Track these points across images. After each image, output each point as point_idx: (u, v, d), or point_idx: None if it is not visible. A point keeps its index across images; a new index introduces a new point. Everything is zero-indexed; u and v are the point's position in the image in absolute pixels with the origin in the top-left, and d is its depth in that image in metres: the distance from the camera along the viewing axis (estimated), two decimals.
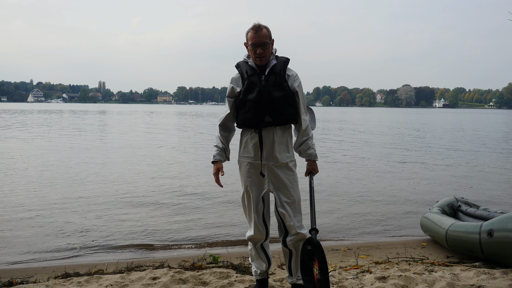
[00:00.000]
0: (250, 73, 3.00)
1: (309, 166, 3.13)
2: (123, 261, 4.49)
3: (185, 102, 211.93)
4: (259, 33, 2.93)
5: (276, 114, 2.95)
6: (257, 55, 2.95)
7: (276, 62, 3.02)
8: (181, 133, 24.39)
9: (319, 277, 2.75)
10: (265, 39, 2.94)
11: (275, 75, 2.98)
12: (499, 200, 7.83)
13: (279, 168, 3.01)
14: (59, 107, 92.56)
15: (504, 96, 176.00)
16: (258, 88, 2.94)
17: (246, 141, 3.04)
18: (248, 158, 3.04)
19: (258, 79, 2.98)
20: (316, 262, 2.77)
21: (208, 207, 7.04)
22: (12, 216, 6.32)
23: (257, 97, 2.93)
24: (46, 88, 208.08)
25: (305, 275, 2.84)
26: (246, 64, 3.05)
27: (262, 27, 2.95)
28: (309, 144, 3.07)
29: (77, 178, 9.35)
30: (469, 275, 3.64)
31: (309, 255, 2.82)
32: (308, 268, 2.82)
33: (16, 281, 3.73)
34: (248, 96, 2.96)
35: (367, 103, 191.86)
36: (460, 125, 38.43)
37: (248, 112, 2.97)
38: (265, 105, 2.93)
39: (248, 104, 2.96)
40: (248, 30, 2.98)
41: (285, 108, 2.97)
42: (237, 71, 3.08)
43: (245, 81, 2.99)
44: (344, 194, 8.16)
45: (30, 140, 17.89)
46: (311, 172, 3.13)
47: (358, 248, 5.04)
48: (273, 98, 2.93)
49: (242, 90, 3.00)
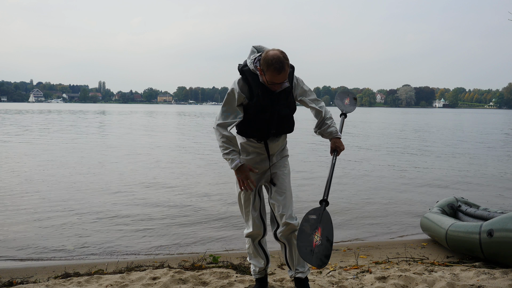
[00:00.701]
0: (262, 92, 2.86)
1: (333, 144, 3.16)
2: (123, 261, 4.50)
3: (185, 102, 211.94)
4: (281, 76, 2.75)
5: (281, 128, 3.02)
6: (274, 88, 2.84)
7: (288, 85, 2.89)
8: (182, 134, 24.38)
9: (319, 243, 2.68)
10: (284, 79, 2.79)
11: (285, 93, 2.95)
12: (499, 200, 7.83)
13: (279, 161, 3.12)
14: (60, 107, 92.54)
15: (504, 96, 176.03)
16: (270, 111, 2.90)
17: (247, 149, 3.06)
18: (249, 162, 3.05)
19: (270, 98, 2.88)
20: (319, 229, 2.72)
21: (208, 207, 7.04)
22: (12, 216, 6.32)
23: (269, 117, 2.92)
24: (46, 88, 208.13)
25: (300, 240, 2.71)
26: (255, 77, 2.87)
27: (286, 67, 2.74)
28: (328, 123, 3.13)
29: (78, 178, 9.35)
30: (469, 275, 3.64)
31: (311, 224, 2.76)
32: (307, 235, 2.72)
33: (16, 281, 3.73)
34: (259, 115, 2.91)
35: (367, 103, 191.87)
36: (460, 125, 38.43)
37: (254, 125, 2.96)
38: (274, 123, 2.96)
39: (258, 122, 2.93)
40: (269, 64, 2.71)
41: (289, 121, 3.05)
42: (241, 78, 2.91)
43: (256, 98, 2.87)
44: (344, 194, 8.16)
45: (30, 141, 17.89)
46: (336, 150, 3.15)
47: (358, 248, 5.04)
48: (282, 116, 2.96)
49: (253, 106, 2.88)
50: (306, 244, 2.69)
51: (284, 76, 2.77)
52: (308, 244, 2.69)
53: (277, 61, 2.70)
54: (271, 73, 2.73)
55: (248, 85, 2.88)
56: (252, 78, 2.87)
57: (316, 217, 2.78)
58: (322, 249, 2.66)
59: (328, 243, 2.69)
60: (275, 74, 2.73)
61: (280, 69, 2.71)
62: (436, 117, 60.94)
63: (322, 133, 3.17)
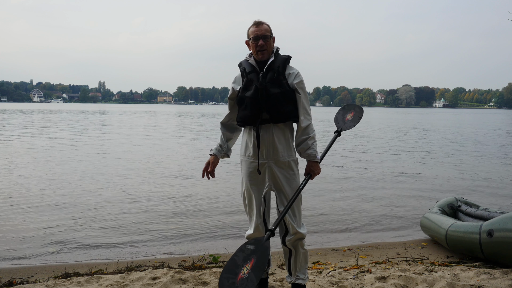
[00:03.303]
0: (248, 70, 3.01)
1: (308, 167, 3.01)
2: (123, 261, 4.50)
3: (185, 102, 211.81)
4: (260, 27, 2.99)
5: (274, 111, 2.90)
6: (258, 47, 2.95)
7: (273, 59, 3.00)
8: (182, 134, 24.38)
9: (245, 276, 2.53)
10: (266, 32, 2.99)
11: (273, 71, 2.95)
12: (499, 200, 7.83)
13: (280, 166, 2.97)
14: (62, 107, 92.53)
15: (504, 96, 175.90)
16: (255, 85, 2.94)
17: (246, 140, 3.05)
18: (248, 157, 3.03)
19: (256, 76, 2.97)
20: (251, 262, 2.59)
21: (208, 207, 7.04)
22: (12, 216, 6.32)
23: (254, 94, 2.91)
24: (46, 88, 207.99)
25: (226, 272, 2.58)
26: (246, 62, 3.07)
27: (263, 22, 3.03)
28: (309, 144, 2.95)
29: (78, 179, 9.35)
30: (469, 275, 3.64)
31: (245, 255, 2.65)
32: (236, 267, 2.59)
33: (16, 281, 3.73)
34: (246, 93, 2.96)
35: (367, 103, 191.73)
36: (460, 125, 38.42)
37: (246, 109, 2.96)
38: (262, 102, 2.90)
39: (245, 101, 2.96)
40: (250, 26, 3.05)
41: (283, 105, 2.91)
42: (240, 71, 3.10)
43: (244, 79, 3.01)
44: (344, 194, 8.16)
45: (30, 141, 17.89)
46: (309, 173, 3.00)
47: (358, 248, 5.04)
48: (270, 94, 2.89)
49: (241, 88, 3.01)
50: (230, 275, 2.55)
51: (262, 30, 2.98)
52: (232, 276, 2.54)
53: (255, 20, 3.05)
54: (251, 28, 3.01)
55: (241, 71, 3.07)
56: (245, 64, 3.07)
57: (254, 247, 2.66)
58: (245, 284, 2.48)
59: (255, 278, 2.50)
60: (254, 27, 3.00)
61: (258, 22, 3.01)
62: (436, 117, 60.91)
63: (299, 152, 3.01)
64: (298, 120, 2.99)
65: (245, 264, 2.58)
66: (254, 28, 3.00)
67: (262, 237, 2.80)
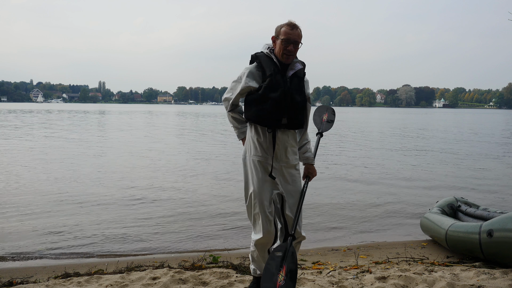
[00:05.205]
0: (273, 70, 2.89)
1: (306, 170, 3.09)
2: (123, 261, 4.50)
3: (185, 102, 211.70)
4: (294, 31, 2.89)
5: (294, 118, 2.92)
6: (287, 51, 2.89)
7: (301, 67, 2.98)
8: (182, 135, 24.38)
9: (282, 283, 2.63)
10: (298, 38, 2.91)
11: (298, 79, 2.96)
12: (499, 200, 7.83)
13: (289, 169, 2.99)
14: (62, 107, 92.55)
15: (504, 96, 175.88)
16: (282, 88, 2.88)
17: (258, 141, 2.95)
18: (259, 157, 2.95)
19: (282, 78, 2.91)
20: (284, 268, 2.67)
21: (209, 207, 7.04)
22: (12, 216, 6.32)
23: (281, 97, 2.86)
24: (46, 88, 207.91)
25: (265, 281, 2.67)
26: (268, 59, 2.94)
27: (298, 26, 2.92)
28: (307, 147, 3.09)
29: (78, 179, 9.35)
30: (469, 275, 3.64)
31: (276, 262, 2.71)
32: (272, 275, 2.68)
33: (16, 281, 3.73)
34: (270, 94, 2.85)
35: (367, 103, 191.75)
36: (460, 125, 38.42)
37: (267, 110, 2.86)
38: (286, 107, 2.88)
39: (269, 102, 2.86)
40: (282, 25, 2.92)
41: (301, 113, 2.98)
42: (255, 64, 2.95)
43: (268, 78, 2.88)
44: (344, 194, 8.16)
45: (30, 141, 17.89)
46: (308, 176, 3.08)
47: (358, 248, 5.04)
48: (295, 102, 2.90)
49: (264, 86, 2.87)
50: (270, 285, 2.65)
51: (296, 35, 2.88)
52: (272, 285, 2.65)
53: (290, 21, 2.91)
54: (285, 28, 2.88)
55: (261, 67, 2.92)
56: (265, 60, 2.93)
57: (282, 254, 2.73)
58: None
59: (292, 283, 2.65)
60: (288, 29, 2.87)
61: (294, 25, 2.89)
62: (436, 117, 60.91)
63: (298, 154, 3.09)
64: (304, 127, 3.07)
65: (279, 272, 2.68)
66: (288, 30, 2.88)
67: (286, 243, 2.81)
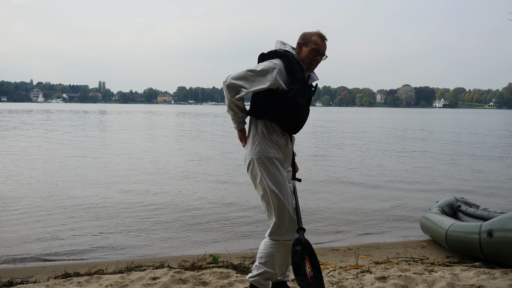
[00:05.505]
0: (301, 76, 2.85)
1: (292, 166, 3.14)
2: (123, 261, 4.50)
3: (185, 102, 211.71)
4: (323, 43, 2.93)
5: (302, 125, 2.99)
6: (314, 61, 2.91)
7: (318, 79, 2.99)
8: (182, 135, 24.38)
9: (311, 274, 2.76)
10: (325, 51, 2.94)
11: (314, 89, 3.01)
12: (499, 200, 7.83)
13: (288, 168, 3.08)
14: (62, 107, 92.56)
15: (504, 96, 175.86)
16: (307, 96, 2.91)
17: (278, 140, 2.90)
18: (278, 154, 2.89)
19: (308, 88, 2.92)
20: (307, 260, 2.77)
21: (209, 207, 7.04)
22: (12, 216, 6.32)
23: (306, 104, 2.92)
24: (46, 88, 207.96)
25: (298, 275, 2.79)
26: (295, 62, 2.87)
27: (326, 38, 2.96)
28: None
29: (78, 179, 9.35)
30: (469, 275, 3.64)
31: (299, 255, 2.80)
32: (300, 268, 2.79)
33: (16, 281, 3.73)
34: (298, 99, 2.80)
35: (367, 103, 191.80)
36: (460, 125, 38.43)
37: (295, 115, 2.84)
38: (306, 113, 2.95)
39: (296, 107, 2.82)
40: (312, 33, 2.92)
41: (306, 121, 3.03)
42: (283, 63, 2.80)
43: (300, 82, 2.82)
44: (344, 194, 8.16)
45: (30, 141, 17.90)
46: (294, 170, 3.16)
47: (358, 248, 5.04)
48: (307, 112, 2.98)
49: (293, 89, 2.78)
50: (303, 277, 2.76)
51: (325, 47, 2.92)
52: (304, 277, 2.76)
53: (320, 32, 2.94)
54: (316, 38, 2.90)
55: (290, 69, 2.81)
56: (294, 63, 2.85)
57: (301, 247, 2.79)
58: (315, 280, 2.74)
59: (318, 273, 2.76)
60: (319, 40, 2.90)
61: (324, 37, 2.93)
62: (436, 117, 60.93)
63: None
64: None
65: (304, 265, 2.77)
66: (319, 41, 2.90)
67: (300, 237, 2.83)
